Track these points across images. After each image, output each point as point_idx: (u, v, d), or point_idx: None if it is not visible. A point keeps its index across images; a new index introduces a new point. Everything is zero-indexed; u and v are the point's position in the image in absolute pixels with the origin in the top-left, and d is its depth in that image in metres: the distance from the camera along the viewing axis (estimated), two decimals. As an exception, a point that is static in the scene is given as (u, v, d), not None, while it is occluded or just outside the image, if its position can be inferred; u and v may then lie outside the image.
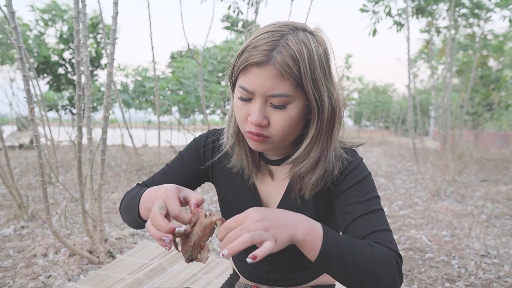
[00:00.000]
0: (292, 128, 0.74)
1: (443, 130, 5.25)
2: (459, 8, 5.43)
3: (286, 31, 0.70)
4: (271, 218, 0.63)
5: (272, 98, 0.70)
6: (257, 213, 0.63)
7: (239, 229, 0.60)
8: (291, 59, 0.67)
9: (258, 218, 0.61)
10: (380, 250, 0.70)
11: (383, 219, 0.77)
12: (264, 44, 0.68)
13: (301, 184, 0.81)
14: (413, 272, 1.99)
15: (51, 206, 3.00)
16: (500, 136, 10.79)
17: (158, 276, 1.80)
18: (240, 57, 0.71)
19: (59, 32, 6.75)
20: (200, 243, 0.63)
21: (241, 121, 0.75)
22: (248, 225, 0.60)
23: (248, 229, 0.60)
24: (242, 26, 16.82)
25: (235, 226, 0.61)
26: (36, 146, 1.56)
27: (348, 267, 0.66)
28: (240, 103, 0.73)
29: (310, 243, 0.65)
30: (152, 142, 8.17)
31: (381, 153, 9.24)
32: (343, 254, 0.66)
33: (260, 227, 0.60)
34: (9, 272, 1.85)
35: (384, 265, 0.68)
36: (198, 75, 6.81)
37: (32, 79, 3.27)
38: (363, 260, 0.67)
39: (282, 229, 0.63)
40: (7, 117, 8.49)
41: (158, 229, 0.62)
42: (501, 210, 3.37)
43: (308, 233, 0.65)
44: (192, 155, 0.91)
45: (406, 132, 17.87)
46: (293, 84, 0.69)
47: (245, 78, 0.71)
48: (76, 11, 1.69)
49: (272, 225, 0.62)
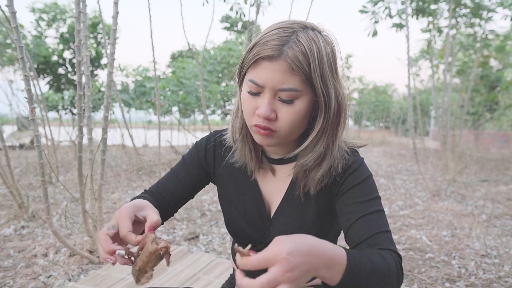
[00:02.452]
0: (299, 123, 0.75)
1: (443, 130, 5.25)
2: (459, 8, 5.43)
3: (297, 28, 0.72)
4: (301, 265, 0.56)
5: (281, 92, 0.71)
6: (287, 262, 0.55)
7: (266, 280, 0.54)
8: (302, 54, 0.69)
9: (288, 268, 0.55)
10: (387, 256, 0.70)
11: (384, 220, 0.79)
12: (275, 39, 0.70)
13: (306, 179, 0.81)
14: (413, 272, 1.99)
15: (52, 206, 3.00)
16: (501, 136, 10.79)
17: (158, 276, 1.80)
18: (251, 51, 0.72)
19: (59, 33, 6.76)
20: (145, 268, 0.63)
21: (249, 115, 0.76)
22: (277, 277, 0.54)
23: (276, 282, 0.54)
24: (242, 27, 16.84)
25: (263, 266, 0.56)
26: (36, 146, 1.57)
27: (366, 284, 0.65)
28: (249, 97, 0.75)
29: (330, 276, 0.61)
30: (152, 142, 8.18)
31: (381, 153, 9.24)
32: (360, 279, 0.64)
33: (287, 280, 0.55)
34: (9, 272, 1.85)
35: (392, 273, 0.69)
36: (198, 75, 6.81)
37: (33, 79, 3.27)
38: (379, 280, 0.66)
39: (306, 275, 0.57)
40: (7, 117, 8.49)
41: (103, 249, 0.65)
42: (502, 210, 3.37)
43: (329, 267, 0.60)
44: (194, 160, 0.93)
45: (406, 132, 17.87)
46: (302, 79, 0.71)
47: (256, 71, 0.72)
48: (77, 11, 1.69)
49: (299, 276, 0.56)
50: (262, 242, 0.87)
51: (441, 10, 5.61)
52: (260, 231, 0.88)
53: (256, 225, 0.88)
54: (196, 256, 2.06)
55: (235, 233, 0.92)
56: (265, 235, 0.87)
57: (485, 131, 10.84)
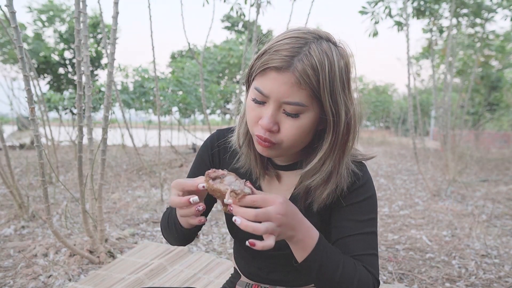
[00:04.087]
0: (302, 137, 0.73)
1: (443, 130, 5.25)
2: (460, 8, 5.42)
3: (310, 39, 0.69)
4: (290, 216, 0.66)
5: (286, 105, 0.69)
6: (282, 206, 0.65)
7: (262, 213, 0.63)
8: (312, 68, 0.66)
9: (282, 212, 0.64)
10: (363, 273, 0.74)
11: (374, 243, 0.80)
12: (286, 50, 0.67)
13: (312, 197, 0.80)
14: (414, 272, 1.99)
15: (52, 206, 3.00)
16: (501, 136, 10.79)
17: (158, 276, 1.80)
18: (260, 58, 0.70)
19: (57, 33, 6.76)
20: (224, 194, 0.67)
21: (252, 123, 0.74)
22: (270, 213, 0.63)
23: (268, 217, 0.63)
24: (242, 27, 16.84)
25: (261, 205, 0.64)
26: (36, 146, 1.57)
27: (326, 278, 0.71)
28: (253, 105, 0.72)
29: (302, 247, 0.69)
30: (152, 142, 8.19)
31: (382, 153, 9.24)
32: (326, 266, 0.70)
33: (277, 221, 0.64)
34: (9, 272, 1.85)
35: (362, 287, 0.72)
36: (198, 75, 6.81)
37: (33, 79, 3.28)
38: (343, 277, 0.71)
39: (289, 230, 0.67)
40: (7, 117, 8.49)
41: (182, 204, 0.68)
42: (502, 210, 3.37)
43: (304, 238, 0.69)
44: (201, 166, 0.92)
45: (406, 132, 17.85)
46: (310, 94, 0.68)
47: (262, 80, 0.70)
48: (77, 11, 1.69)
49: (286, 224, 0.65)
50: None
51: (442, 10, 5.61)
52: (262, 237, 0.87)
53: None
54: (196, 256, 2.06)
55: (236, 236, 0.92)
56: None
57: (485, 131, 10.84)
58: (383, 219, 3.08)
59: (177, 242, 0.88)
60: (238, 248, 0.99)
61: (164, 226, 0.89)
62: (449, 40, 5.07)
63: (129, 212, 3.03)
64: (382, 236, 2.61)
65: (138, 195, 3.63)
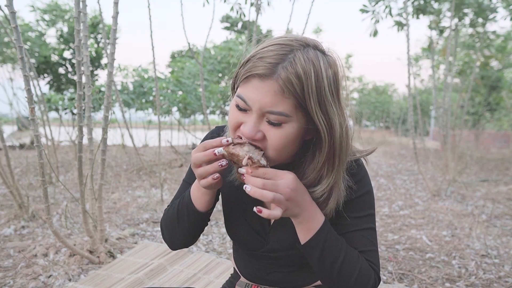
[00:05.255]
0: (287, 146, 0.70)
1: (443, 130, 5.25)
2: (461, 8, 5.42)
3: (296, 47, 0.66)
4: (299, 192, 0.69)
5: (269, 115, 0.67)
6: (293, 181, 0.68)
7: (271, 184, 0.65)
8: (296, 77, 0.63)
9: (291, 187, 0.67)
10: (364, 265, 0.74)
11: (374, 239, 0.80)
12: (270, 57, 0.65)
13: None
14: (414, 272, 1.99)
15: (52, 206, 3.00)
16: (501, 136, 10.78)
17: (158, 276, 1.80)
18: (245, 66, 0.68)
19: (59, 32, 6.76)
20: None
21: (232, 128, 0.72)
22: (280, 186, 0.66)
23: (277, 189, 0.66)
24: (242, 27, 16.83)
25: (271, 177, 0.67)
26: (36, 146, 1.56)
27: (328, 264, 0.71)
28: (236, 110, 0.70)
29: (306, 228, 0.71)
30: (152, 142, 8.18)
31: (382, 153, 9.24)
32: (329, 251, 0.71)
33: (286, 194, 0.66)
34: (9, 272, 1.85)
35: (362, 280, 0.73)
36: (198, 75, 6.81)
37: (33, 79, 3.28)
38: (344, 266, 0.71)
39: (296, 206, 0.69)
40: (7, 117, 8.49)
41: (207, 157, 0.69)
42: (502, 210, 3.37)
43: (309, 219, 0.71)
44: None
45: (406, 132, 17.85)
46: (294, 104, 0.65)
47: (246, 88, 0.67)
48: (77, 11, 1.69)
49: (294, 199, 0.68)
50: (261, 248, 0.88)
51: (444, 9, 5.61)
52: (260, 238, 0.88)
53: (256, 231, 0.87)
54: (196, 256, 2.06)
55: (234, 237, 0.92)
56: (264, 242, 0.87)
57: (485, 131, 10.84)
58: (383, 219, 3.08)
59: (183, 237, 0.85)
60: (237, 249, 0.99)
61: (169, 220, 0.86)
62: (449, 39, 5.07)
63: (129, 212, 3.03)
64: (382, 236, 2.61)
65: (138, 195, 3.63)
